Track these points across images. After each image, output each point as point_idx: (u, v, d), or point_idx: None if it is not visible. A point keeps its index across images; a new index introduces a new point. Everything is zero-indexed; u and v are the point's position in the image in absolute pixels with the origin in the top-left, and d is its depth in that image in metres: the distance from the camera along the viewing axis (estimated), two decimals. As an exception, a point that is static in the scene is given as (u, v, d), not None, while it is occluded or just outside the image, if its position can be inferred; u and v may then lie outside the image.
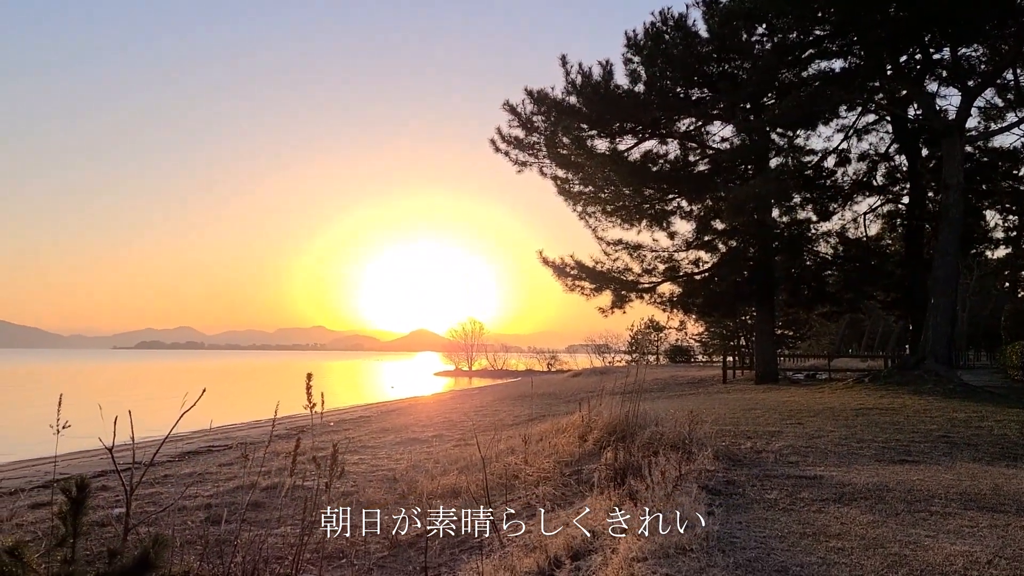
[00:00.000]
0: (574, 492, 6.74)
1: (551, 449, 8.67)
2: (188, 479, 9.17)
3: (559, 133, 18.68)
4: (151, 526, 6.32)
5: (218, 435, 14.79)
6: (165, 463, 10.88)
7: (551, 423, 10.93)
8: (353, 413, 21.07)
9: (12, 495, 8.56)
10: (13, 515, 7.09)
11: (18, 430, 21.08)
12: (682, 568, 3.73)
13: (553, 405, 17.82)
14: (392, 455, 10.82)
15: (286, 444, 12.47)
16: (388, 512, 6.93)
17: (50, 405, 20.59)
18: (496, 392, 27.17)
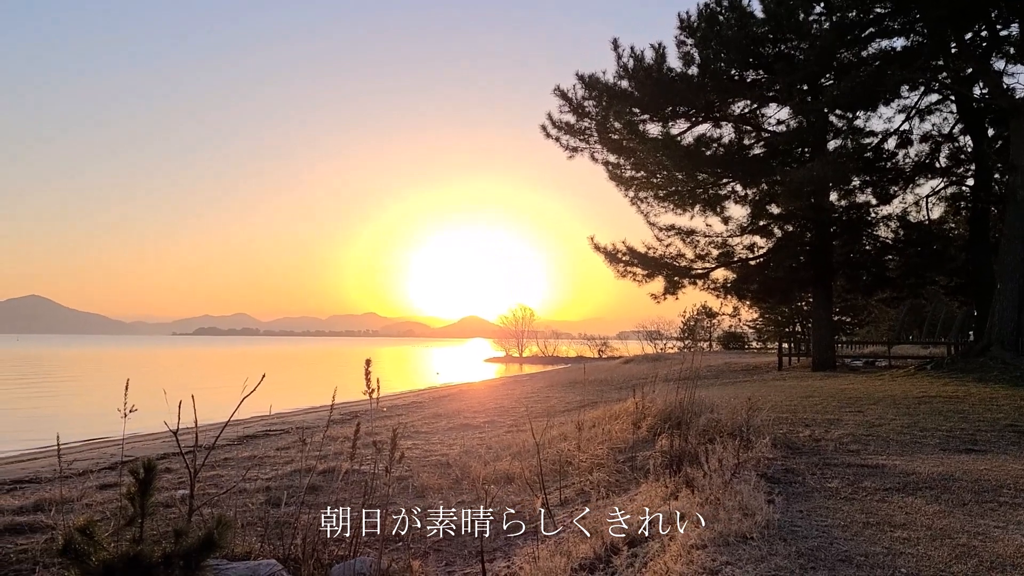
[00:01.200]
0: (628, 479, 6.69)
1: (604, 436, 8.62)
2: (247, 462, 9.36)
3: (611, 118, 18.49)
4: (214, 507, 6.46)
5: (275, 420, 15.06)
6: (225, 447, 11.11)
7: (603, 410, 10.87)
8: (405, 399, 21.27)
9: (81, 476, 8.83)
10: (83, 495, 7.31)
11: (85, 413, 21.78)
12: (743, 556, 3.66)
13: (604, 392, 17.73)
14: (445, 440, 10.89)
15: (341, 429, 12.64)
16: (443, 496, 6.98)
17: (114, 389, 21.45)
18: (547, 378, 27.16)
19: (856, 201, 21.70)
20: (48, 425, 17.67)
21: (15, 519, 6.11)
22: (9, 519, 6.07)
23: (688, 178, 19.67)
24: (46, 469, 10.04)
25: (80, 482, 8.29)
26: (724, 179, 20.47)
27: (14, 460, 11.13)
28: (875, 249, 21.89)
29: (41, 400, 26.88)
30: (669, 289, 21.26)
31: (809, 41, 18.34)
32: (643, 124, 18.87)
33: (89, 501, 7.08)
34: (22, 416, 19.41)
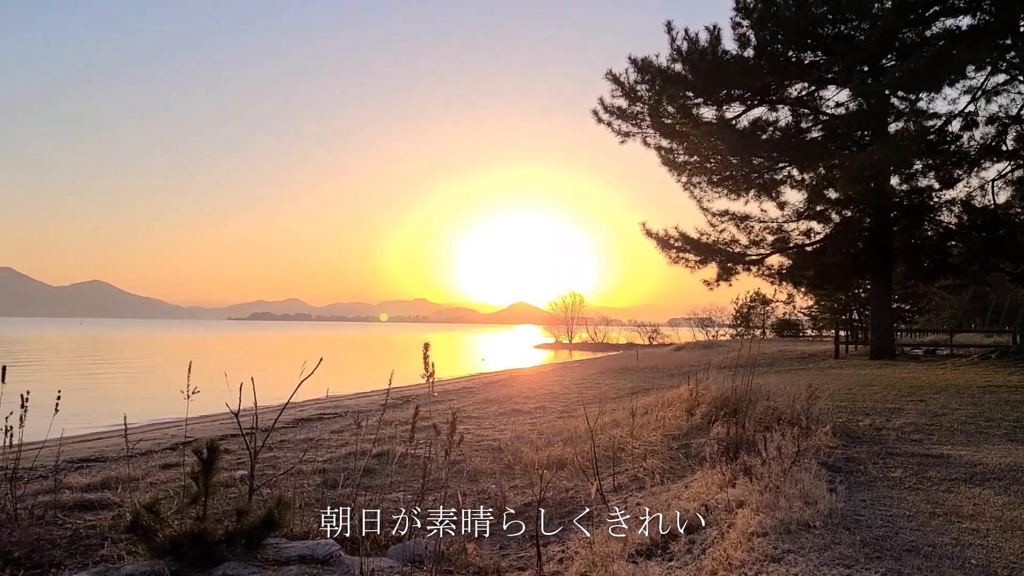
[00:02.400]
0: (683, 466, 6.63)
1: (657, 422, 8.55)
2: (302, 445, 9.51)
3: (664, 102, 18.24)
4: (272, 488, 6.58)
5: (328, 404, 15.28)
6: (280, 429, 11.31)
7: (656, 396, 10.78)
8: (456, 384, 21.41)
9: (144, 455, 9.08)
10: (147, 474, 7.52)
11: (147, 395, 22.40)
12: (805, 544, 3.60)
13: (656, 379, 17.59)
14: (496, 425, 10.92)
15: (393, 413, 12.79)
16: (495, 480, 7.00)
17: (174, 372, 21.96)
18: (597, 365, 27.07)
19: (918, 185, 21.06)
20: (111, 406, 18.23)
21: (84, 496, 6.30)
22: (78, 496, 6.26)
23: (743, 162, 19.31)
24: (111, 448, 10.35)
25: (144, 461, 8.52)
26: (780, 163, 20.04)
27: (81, 440, 11.49)
28: (937, 235, 21.24)
29: (105, 382, 27.75)
30: (722, 275, 20.95)
31: (870, 21, 17.81)
32: (697, 108, 18.58)
33: (153, 480, 7.27)
34: (87, 397, 20.06)
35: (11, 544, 4.73)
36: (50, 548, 4.83)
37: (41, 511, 5.57)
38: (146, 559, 4.05)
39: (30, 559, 4.55)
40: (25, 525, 5.16)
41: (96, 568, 4.12)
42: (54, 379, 25.26)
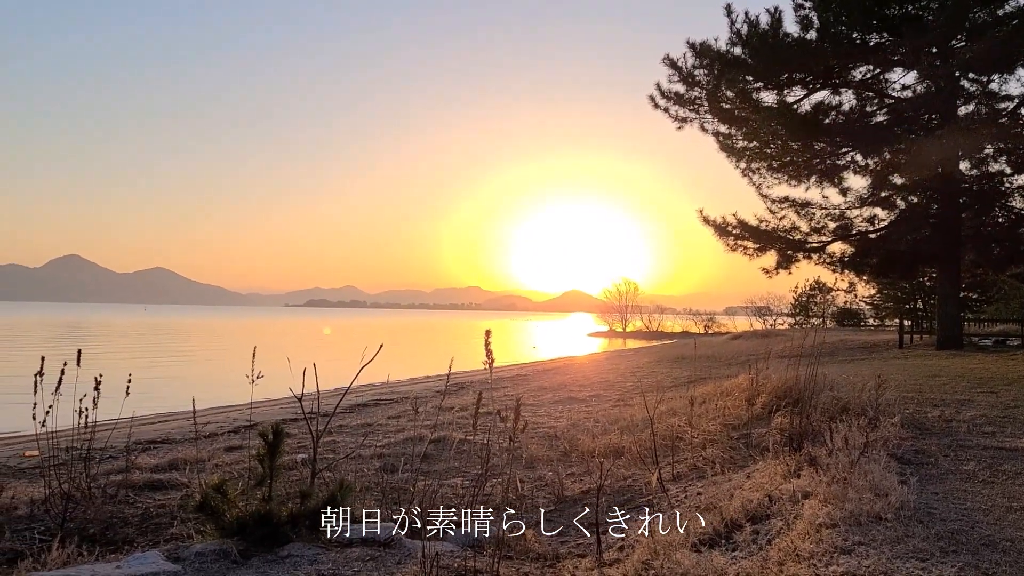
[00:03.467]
0: (743, 456, 6.52)
1: (716, 412, 8.44)
2: (360, 430, 9.63)
3: (722, 86, 17.91)
4: (332, 471, 6.67)
5: (384, 389, 15.46)
6: (338, 414, 11.48)
7: (713, 385, 10.65)
8: (509, 372, 21.45)
9: (209, 438, 9.30)
10: (212, 456, 7.70)
11: (208, 379, 22.99)
12: (877, 537, 3.50)
13: (713, 368, 17.37)
14: (551, 413, 10.90)
15: (449, 399, 12.87)
16: (552, 468, 7.00)
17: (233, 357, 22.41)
18: (652, 353, 26.84)
19: (989, 170, 20.31)
20: (176, 390, 18.74)
21: (153, 476, 6.49)
22: (148, 476, 6.45)
23: (804, 148, 18.87)
24: (176, 431, 10.63)
25: (209, 444, 8.72)
26: (843, 148, 19.53)
27: (148, 422, 11.82)
28: (1009, 221, 20.46)
29: (169, 366, 28.55)
30: (782, 263, 20.55)
31: (940, 1, 17.20)
32: (757, 92, 18.21)
33: (218, 462, 7.44)
34: (153, 381, 20.65)
35: (86, 521, 4.89)
36: (123, 526, 4.98)
37: (114, 490, 5.75)
38: (214, 538, 4.15)
39: (104, 536, 4.70)
40: (99, 503, 5.33)
41: (167, 546, 4.23)
42: (123, 363, 26.09)
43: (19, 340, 46.19)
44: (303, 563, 3.84)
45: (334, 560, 3.91)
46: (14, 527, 4.84)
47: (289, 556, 3.94)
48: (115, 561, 3.91)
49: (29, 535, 4.68)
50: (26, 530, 4.79)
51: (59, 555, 4.03)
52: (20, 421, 12.34)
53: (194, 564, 3.83)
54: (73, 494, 5.17)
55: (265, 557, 3.92)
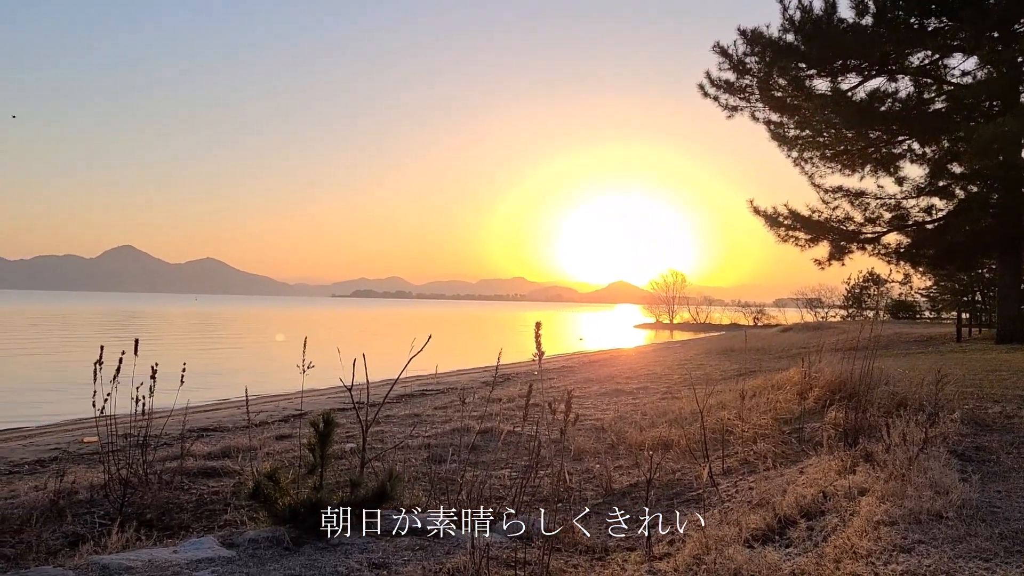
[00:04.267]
0: (795, 450, 6.41)
1: (767, 405, 8.29)
2: (407, 420, 9.70)
3: (774, 74, 17.56)
4: (380, 461, 6.73)
5: (430, 380, 15.55)
6: (385, 404, 11.59)
7: (764, 379, 10.48)
8: (555, 363, 21.42)
9: (259, 426, 9.46)
10: (263, 444, 7.83)
11: (257, 368, 23.40)
12: (938, 535, 3.40)
13: (762, 361, 17.11)
14: (598, 405, 10.85)
15: (496, 391, 12.89)
16: (599, 460, 6.96)
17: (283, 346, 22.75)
18: (699, 346, 26.55)
19: (1053, 158, 19.62)
20: (226, 378, 19.12)
21: (206, 463, 6.62)
22: (201, 463, 6.58)
23: (859, 136, 18.42)
24: (227, 419, 10.84)
25: (260, 432, 8.87)
26: (900, 136, 19.01)
27: (200, 410, 12.07)
28: (1074, 211, 19.77)
29: (219, 355, 29.14)
30: (835, 254, 20.11)
31: (1001, -17, 16.62)
32: (810, 80, 17.81)
33: (269, 450, 7.56)
34: (203, 369, 21.08)
35: (144, 506, 5.00)
36: (178, 511, 5.09)
37: (169, 477, 5.88)
38: (266, 525, 4.21)
39: (161, 521, 4.80)
40: (155, 489, 5.46)
41: (221, 532, 4.31)
42: (176, 352, 26.71)
43: (78, 329, 47.60)
44: (354, 551, 3.88)
45: (384, 549, 3.94)
46: (75, 511, 4.98)
47: (340, 544, 3.98)
48: (172, 546, 3.99)
49: (90, 519, 4.80)
50: (87, 514, 4.93)
51: (118, 539, 4.13)
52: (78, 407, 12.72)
53: (248, 550, 3.89)
54: (131, 480, 5.29)
55: (316, 545, 3.97)
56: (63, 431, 11.19)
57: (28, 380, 19.77)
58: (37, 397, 16.21)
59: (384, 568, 3.62)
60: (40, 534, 4.34)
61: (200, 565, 3.63)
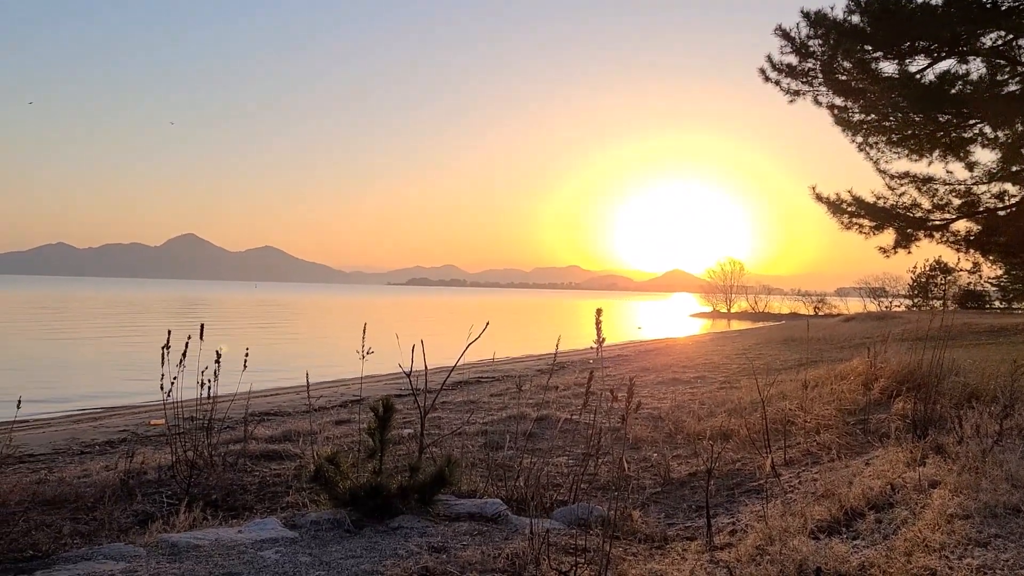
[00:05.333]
0: (861, 442, 6.25)
1: (830, 396, 8.11)
2: (463, 407, 9.75)
3: (839, 57, 17.04)
4: (438, 447, 6.78)
5: (486, 367, 15.61)
6: (441, 391, 11.68)
7: (826, 369, 10.26)
8: (610, 351, 21.29)
9: (318, 411, 9.62)
10: (322, 429, 7.95)
11: (314, 354, 23.79)
12: (1015, 530, 3.27)
13: (824, 351, 16.74)
14: (655, 394, 10.75)
15: (552, 378, 12.87)
16: (657, 449, 6.89)
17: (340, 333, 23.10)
18: (758, 335, 26.12)
19: None
20: (284, 364, 19.49)
21: (268, 447, 6.75)
22: (263, 446, 6.71)
23: (927, 120, 17.80)
24: (287, 404, 11.04)
25: (319, 417, 9.01)
26: (970, 120, 18.30)
27: (260, 395, 12.32)
28: None
29: (278, 341, 29.72)
30: (901, 242, 19.50)
31: (1083, -43, 15.85)
32: (876, 62, 17.24)
33: (328, 435, 7.68)
34: (262, 355, 21.53)
35: (209, 487, 5.12)
36: (242, 493, 5.20)
37: (233, 459, 6.01)
38: (328, 508, 4.27)
39: (226, 502, 4.91)
40: (220, 471, 5.59)
41: (284, 513, 4.39)
42: (237, 337, 27.33)
43: (144, 315, 49.08)
44: (413, 535, 3.90)
45: (443, 533, 3.96)
46: (144, 491, 5.13)
47: (399, 528, 4.02)
48: (237, 526, 4.08)
49: (158, 498, 4.94)
50: (155, 494, 5.07)
51: (186, 518, 4.23)
52: (145, 390, 13.13)
53: (310, 531, 3.95)
54: (196, 462, 5.43)
55: (376, 528, 4.01)
56: (131, 414, 11.55)
57: (98, 364, 20.47)
58: (107, 381, 16.78)
59: (443, 552, 3.64)
60: (112, 512, 4.48)
61: (264, 545, 3.70)
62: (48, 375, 17.17)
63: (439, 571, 3.34)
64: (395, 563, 3.42)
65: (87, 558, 3.47)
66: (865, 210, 19.35)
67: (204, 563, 3.41)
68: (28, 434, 8.70)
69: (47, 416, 11.20)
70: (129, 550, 3.60)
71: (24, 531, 4.04)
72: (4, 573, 3.25)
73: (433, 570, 3.35)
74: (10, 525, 4.09)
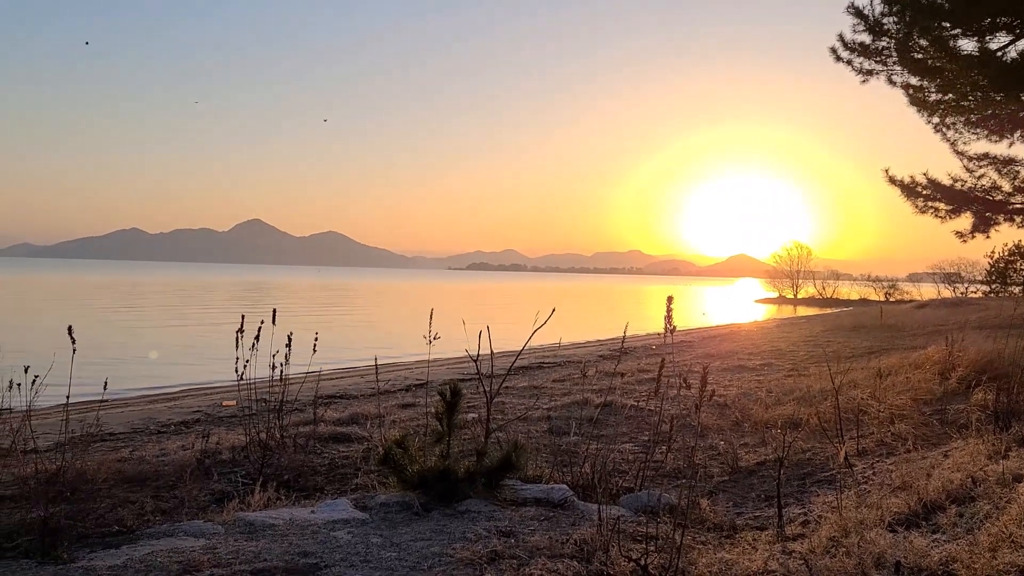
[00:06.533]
0: (938, 433, 6.07)
1: (904, 385, 7.88)
2: (526, 392, 9.77)
3: (915, 35, 16.40)
4: (502, 432, 6.81)
5: (547, 353, 15.59)
6: (502, 376, 11.73)
7: (899, 357, 9.98)
8: (673, 337, 21.05)
9: (383, 395, 9.75)
10: (388, 412, 8.06)
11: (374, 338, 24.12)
12: (1108, 529, 3.13)
13: (896, 338, 16.29)
14: (720, 381, 10.60)
15: (612, 364, 12.80)
16: (724, 437, 6.80)
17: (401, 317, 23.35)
18: (826, 321, 25.49)
19: None
20: (348, 347, 19.83)
21: (336, 429, 6.88)
22: (332, 429, 6.84)
23: (1009, 99, 17.01)
24: (352, 387, 11.23)
25: (384, 400, 9.14)
26: (1056, 99, 17.51)
27: (326, 378, 12.56)
28: None
29: (341, 325, 30.25)
30: (979, 226, 18.76)
31: None
32: (954, 40, 16.54)
33: (394, 418, 7.78)
34: (329, 339, 21.92)
35: (281, 468, 5.25)
36: (312, 474, 5.31)
37: (303, 440, 6.14)
38: (396, 490, 4.32)
39: (297, 482, 5.03)
40: (291, 452, 5.72)
41: (354, 495, 4.47)
42: (301, 321, 27.90)
43: (214, 299, 50.50)
44: (480, 519, 3.93)
45: (510, 518, 3.98)
46: (220, 470, 5.29)
47: (467, 511, 4.05)
48: (309, 506, 4.17)
49: (233, 478, 5.08)
50: (230, 473, 5.22)
51: (260, 498, 4.35)
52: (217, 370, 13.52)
53: (379, 513, 4.02)
54: (268, 443, 5.56)
55: (444, 511, 4.05)
56: (203, 394, 11.91)
57: (172, 346, 21.14)
58: (180, 362, 17.33)
59: (511, 536, 3.65)
60: (191, 491, 4.63)
61: (336, 526, 3.77)
62: (125, 357, 17.81)
63: (508, 555, 3.36)
64: (464, 546, 3.45)
65: (169, 534, 3.60)
66: (941, 193, 18.67)
67: (279, 542, 3.50)
68: (107, 413, 9.03)
69: (124, 396, 11.61)
70: (208, 527, 3.72)
71: (110, 507, 4.20)
72: (93, 547, 3.38)
73: (502, 554, 3.37)
74: (97, 501, 4.26)
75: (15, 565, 3.13)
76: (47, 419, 7.24)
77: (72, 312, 32.73)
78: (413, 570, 3.18)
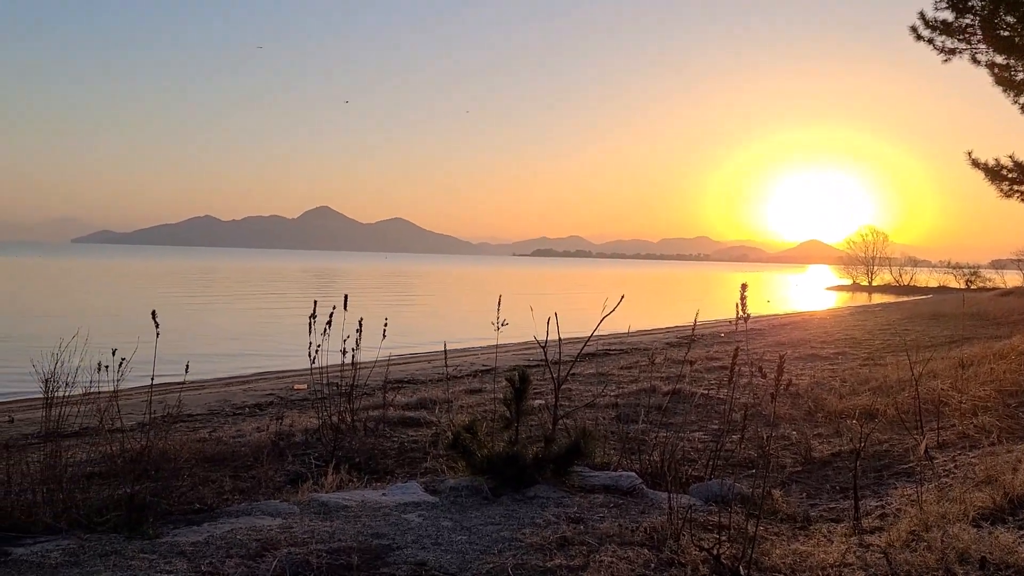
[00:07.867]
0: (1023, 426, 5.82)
1: (988, 376, 7.58)
2: (592, 379, 9.73)
3: (1000, 11, 15.69)
4: (569, 418, 6.79)
5: (612, 340, 15.51)
6: (568, 363, 11.72)
7: (982, 347, 9.61)
8: (741, 325, 20.70)
9: (450, 380, 9.85)
10: (455, 398, 8.14)
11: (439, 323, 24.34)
12: None
13: (978, 327, 15.70)
14: (792, 370, 10.37)
15: (680, 352, 12.66)
16: (796, 427, 6.65)
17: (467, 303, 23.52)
18: (903, 310, 24.74)
19: None
20: (415, 332, 20.06)
21: (404, 413, 6.97)
22: (400, 413, 6.94)
23: (1102, 77, 16.19)
24: (419, 372, 11.38)
25: (451, 385, 9.22)
26: None
27: (393, 363, 12.74)
28: None
29: (407, 310, 30.64)
30: (1068, 210, 17.97)
31: None
32: (1044, 16, 15.81)
33: (461, 403, 7.85)
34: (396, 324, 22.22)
35: (352, 451, 5.36)
36: (382, 457, 5.40)
37: (373, 424, 6.25)
38: (465, 475, 4.36)
39: (367, 465, 5.12)
40: (361, 435, 5.83)
41: (423, 479, 4.52)
42: (369, 306, 28.35)
43: (286, 285, 51.73)
44: (549, 505, 3.94)
45: (579, 504, 3.98)
46: (293, 452, 5.43)
47: (536, 497, 4.06)
48: (380, 489, 4.24)
49: (306, 459, 5.21)
50: (303, 455, 5.34)
51: (333, 479, 4.44)
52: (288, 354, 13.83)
53: (449, 497, 4.06)
54: (340, 426, 5.68)
55: (513, 496, 4.07)
56: (276, 378, 12.23)
57: (246, 331, 21.75)
58: (253, 347, 17.80)
59: (580, 523, 3.65)
60: (267, 471, 4.75)
61: (407, 508, 3.83)
62: (202, 340, 18.36)
63: (577, 542, 3.36)
64: (533, 532, 3.47)
65: (247, 513, 3.70)
66: (1029, 176, 17.86)
67: (352, 523, 3.57)
68: (185, 395, 9.36)
69: (201, 379, 12.00)
70: (284, 507, 3.82)
71: (191, 486, 4.36)
72: (176, 524, 3.51)
73: (571, 540, 3.37)
74: (179, 480, 4.42)
75: (106, 539, 3.27)
76: (129, 400, 7.53)
77: (152, 297, 33.97)
78: (484, 554, 3.21)
